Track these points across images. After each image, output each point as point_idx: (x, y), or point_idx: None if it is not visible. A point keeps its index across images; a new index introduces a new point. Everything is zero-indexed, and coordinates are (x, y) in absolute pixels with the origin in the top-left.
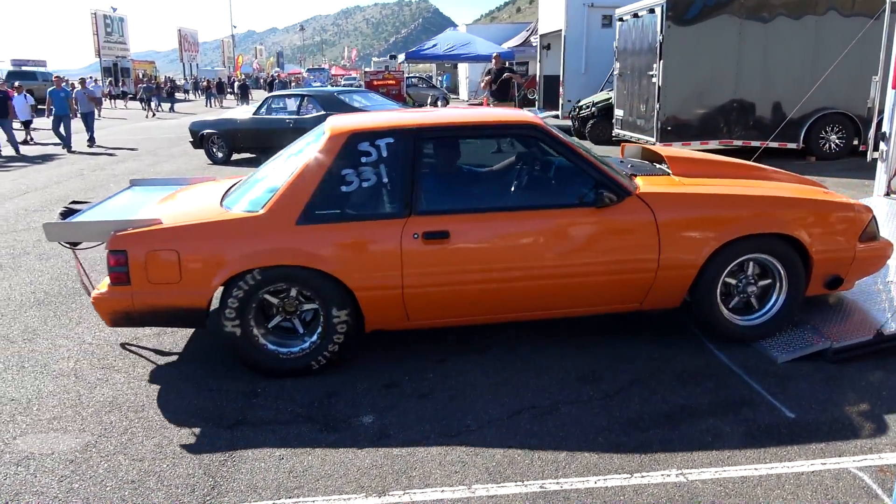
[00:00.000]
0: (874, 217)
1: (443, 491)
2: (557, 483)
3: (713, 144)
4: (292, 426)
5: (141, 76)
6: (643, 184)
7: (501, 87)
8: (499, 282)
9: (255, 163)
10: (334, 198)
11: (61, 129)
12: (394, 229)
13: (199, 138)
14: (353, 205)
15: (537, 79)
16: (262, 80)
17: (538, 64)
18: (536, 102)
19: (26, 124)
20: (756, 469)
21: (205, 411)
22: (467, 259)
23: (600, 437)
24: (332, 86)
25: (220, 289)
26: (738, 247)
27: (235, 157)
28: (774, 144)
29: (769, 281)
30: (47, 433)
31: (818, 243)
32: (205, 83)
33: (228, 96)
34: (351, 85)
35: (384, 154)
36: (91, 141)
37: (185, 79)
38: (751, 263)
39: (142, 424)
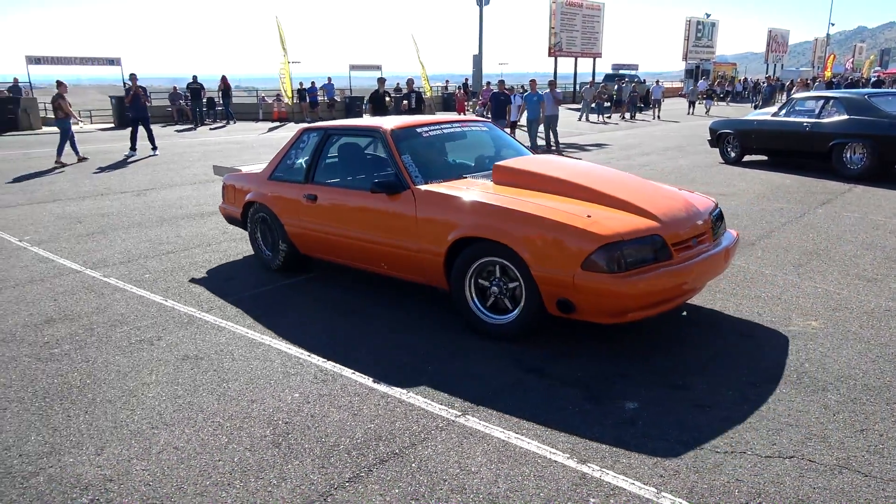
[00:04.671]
0: (608, 249)
1: (632, 484)
2: None
3: None
4: (566, 388)
5: (718, 77)
6: (458, 184)
7: None
8: (338, 236)
9: (763, 165)
10: (284, 166)
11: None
12: (299, 190)
13: (717, 137)
14: (289, 172)
15: None
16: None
17: None
18: None
19: (513, 125)
20: None
21: (517, 353)
22: (323, 216)
23: None
24: None
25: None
26: (476, 247)
27: (747, 158)
28: None
29: (516, 285)
30: (407, 335)
31: (537, 260)
32: (772, 83)
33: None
34: None
35: (310, 143)
36: (555, 144)
37: (765, 80)
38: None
39: (472, 348)
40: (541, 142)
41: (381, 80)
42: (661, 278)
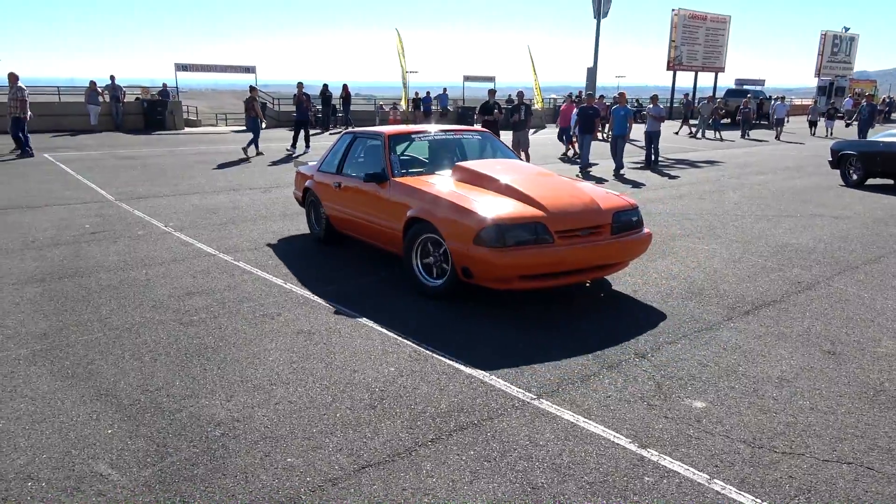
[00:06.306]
0: (491, 229)
1: (686, 469)
2: None
3: None
4: (639, 384)
5: (856, 94)
6: (423, 178)
7: None
8: (352, 216)
9: (888, 190)
10: (327, 161)
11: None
12: (332, 179)
13: (838, 159)
14: (329, 165)
15: None
16: None
17: None
18: None
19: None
20: None
21: (598, 351)
22: (344, 200)
23: None
24: None
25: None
26: (419, 225)
27: (870, 182)
28: None
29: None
30: (496, 327)
31: (450, 235)
32: None
33: None
34: None
35: (344, 143)
36: (653, 163)
37: (864, 99)
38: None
39: (556, 343)
40: (630, 159)
41: (492, 92)
42: (534, 255)
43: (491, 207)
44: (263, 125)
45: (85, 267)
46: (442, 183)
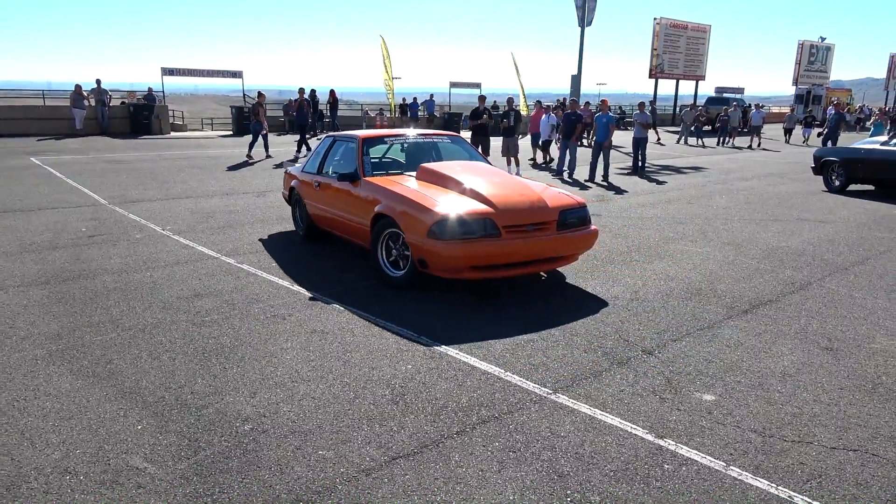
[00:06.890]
0: (441, 224)
1: (703, 457)
2: None
3: None
4: (649, 379)
5: (833, 102)
6: (391, 178)
7: None
8: (330, 213)
9: (869, 195)
10: (310, 162)
11: (599, 158)
12: (313, 178)
13: (821, 165)
14: (312, 166)
15: None
16: None
17: None
18: None
19: (545, 145)
20: None
21: (608, 348)
22: (323, 198)
23: None
24: None
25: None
26: (384, 220)
27: (852, 187)
28: None
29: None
30: (507, 327)
31: (407, 229)
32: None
33: None
34: None
35: (325, 146)
36: (640, 169)
37: (833, 107)
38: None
39: (567, 340)
40: (616, 165)
41: (482, 98)
42: (482, 248)
43: (443, 204)
44: (265, 131)
45: (88, 269)
46: (406, 182)
